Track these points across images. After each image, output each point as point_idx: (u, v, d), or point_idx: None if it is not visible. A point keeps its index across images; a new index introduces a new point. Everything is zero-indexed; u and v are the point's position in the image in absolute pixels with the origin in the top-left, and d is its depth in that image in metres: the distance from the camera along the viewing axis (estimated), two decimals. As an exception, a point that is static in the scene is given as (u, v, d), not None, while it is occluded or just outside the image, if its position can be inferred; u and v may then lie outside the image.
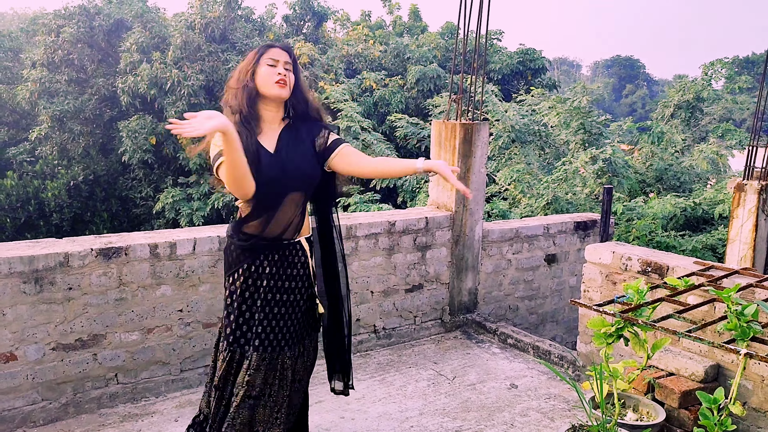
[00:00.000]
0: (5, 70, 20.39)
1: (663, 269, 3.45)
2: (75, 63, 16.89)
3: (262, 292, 2.57)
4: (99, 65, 17.15)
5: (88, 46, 16.98)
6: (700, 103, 13.23)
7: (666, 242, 7.40)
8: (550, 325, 5.46)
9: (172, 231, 3.79)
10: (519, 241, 5.07)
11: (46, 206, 15.15)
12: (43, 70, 16.78)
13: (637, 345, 2.85)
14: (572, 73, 70.43)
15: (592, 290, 3.85)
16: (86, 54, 16.92)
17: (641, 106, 48.79)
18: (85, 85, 17.00)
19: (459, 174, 4.62)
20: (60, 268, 3.24)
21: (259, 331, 2.56)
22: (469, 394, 3.77)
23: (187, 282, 3.63)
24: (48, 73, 16.72)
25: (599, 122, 10.27)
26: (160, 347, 3.60)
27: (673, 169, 9.91)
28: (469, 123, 4.63)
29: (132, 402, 3.52)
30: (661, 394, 3.08)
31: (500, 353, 4.41)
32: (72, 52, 16.73)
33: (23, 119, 19.10)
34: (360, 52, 17.48)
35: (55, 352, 3.28)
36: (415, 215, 4.59)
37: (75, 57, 16.79)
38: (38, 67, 16.92)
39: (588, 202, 8.33)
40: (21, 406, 3.22)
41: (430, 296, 4.68)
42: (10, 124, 19.28)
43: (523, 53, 17.42)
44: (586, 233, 5.45)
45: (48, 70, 16.81)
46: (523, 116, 10.58)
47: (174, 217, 14.13)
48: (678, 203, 8.06)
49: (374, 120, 14.12)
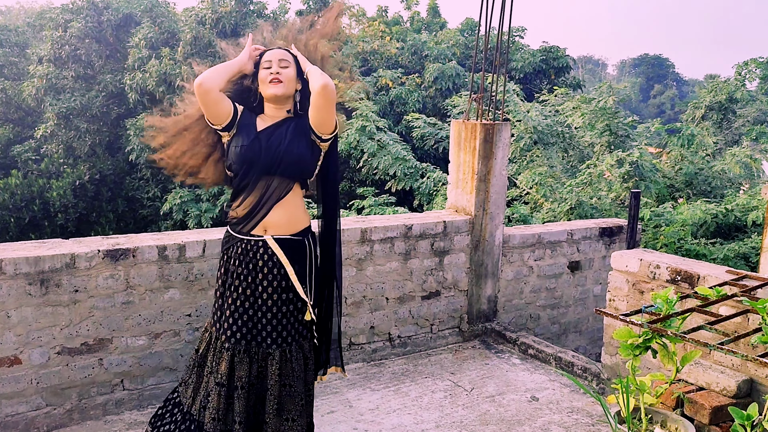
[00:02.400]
0: (11, 66, 20.66)
1: (693, 278, 3.42)
2: (82, 59, 17.08)
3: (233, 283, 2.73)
4: (107, 61, 17.33)
5: (96, 42, 17.17)
6: (732, 104, 13.11)
7: (696, 250, 7.33)
8: (573, 336, 5.42)
9: (181, 232, 3.82)
10: (541, 247, 5.05)
11: (51, 206, 15.31)
12: (49, 65, 16.98)
13: (665, 357, 2.83)
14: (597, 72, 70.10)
15: (618, 299, 3.83)
16: (94, 49, 17.10)
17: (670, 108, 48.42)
18: (93, 82, 17.18)
19: (479, 176, 4.61)
20: (66, 270, 3.28)
21: (231, 322, 2.70)
22: (488, 407, 3.76)
23: (196, 285, 3.65)
24: (54, 69, 16.92)
25: (626, 124, 10.21)
26: (167, 353, 3.62)
27: (703, 173, 9.82)
28: (490, 123, 4.62)
29: (138, 409, 3.54)
30: (690, 409, 3.05)
31: (520, 364, 4.39)
32: (79, 47, 16.92)
33: (29, 116, 19.33)
34: (376, 49, 17.51)
35: (60, 356, 3.32)
36: (432, 219, 4.59)
37: (82, 52, 16.98)
38: (45, 63, 17.13)
39: (613, 208, 8.27)
40: (25, 411, 3.25)
41: (447, 304, 4.67)
42: (16, 121, 19.53)
43: (546, 51, 17.36)
44: (612, 240, 5.42)
45: (55, 65, 17.01)
46: (545, 117, 10.54)
47: (182, 219, 14.22)
48: (709, 209, 7.97)
49: (390, 119, 14.14)
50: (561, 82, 16.82)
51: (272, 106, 2.77)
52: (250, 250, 2.71)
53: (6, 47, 21.44)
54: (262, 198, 2.70)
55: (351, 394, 3.85)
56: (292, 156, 2.69)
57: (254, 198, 2.70)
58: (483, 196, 4.67)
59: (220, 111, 2.69)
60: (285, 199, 2.72)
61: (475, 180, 4.64)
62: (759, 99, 14.02)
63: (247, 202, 2.71)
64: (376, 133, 10.94)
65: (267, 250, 2.71)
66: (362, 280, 4.27)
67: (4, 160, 17.92)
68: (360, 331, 4.31)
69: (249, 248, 2.72)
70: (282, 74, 2.71)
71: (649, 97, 56.62)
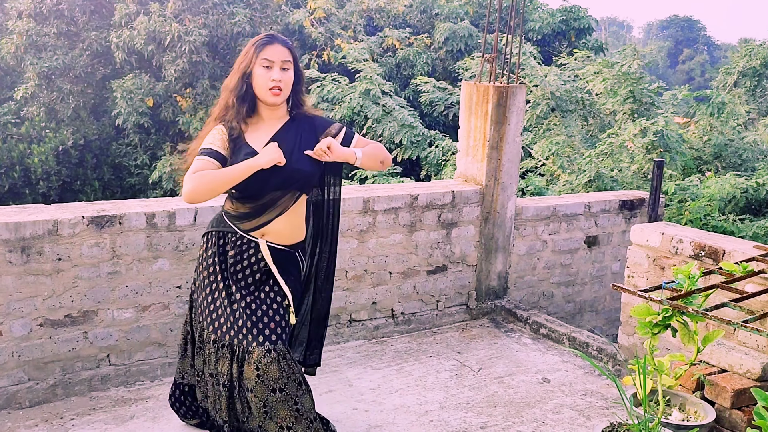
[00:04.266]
0: (-12, 21, 20.55)
1: (718, 254, 3.43)
2: (65, 14, 16.96)
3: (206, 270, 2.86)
4: (91, 17, 17.21)
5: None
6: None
7: (723, 227, 7.33)
8: (589, 315, 5.46)
9: (170, 199, 3.85)
10: (556, 221, 5.07)
11: (32, 173, 15.34)
12: (29, 21, 16.87)
13: (686, 337, 2.86)
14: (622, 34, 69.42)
15: (637, 276, 3.85)
16: (77, 4, 16.97)
17: (700, 74, 48.02)
18: (76, 39, 17.09)
19: (491, 143, 4.61)
20: (49, 237, 3.31)
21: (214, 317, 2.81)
22: (496, 388, 3.81)
23: (186, 256, 3.68)
24: (35, 25, 16.82)
25: (651, 90, 10.14)
26: (156, 327, 3.66)
27: (734, 144, 9.78)
28: (503, 86, 4.60)
29: (125, 385, 3.60)
30: (711, 392, 3.08)
31: (532, 344, 4.43)
32: (62, 1, 16.80)
33: (8, 76, 19.27)
34: (382, 7, 17.36)
35: (42, 328, 3.36)
36: (440, 189, 4.60)
37: (65, 7, 16.85)
38: (24, 18, 17.01)
39: (636, 180, 8.26)
40: (6, 385, 3.31)
41: (454, 279, 4.70)
42: (-6, 82, 19.48)
43: (567, 11, 17.19)
44: (633, 213, 5.43)
45: (35, 21, 16.90)
46: (564, 82, 10.48)
47: (172, 188, 14.26)
48: (738, 183, 7.95)
49: (396, 83, 14.07)
50: (582, 45, 16.68)
51: (267, 108, 2.79)
52: (242, 246, 2.80)
53: (-17, 1, 21.31)
54: (268, 208, 2.77)
55: (351, 373, 3.90)
56: (302, 174, 2.77)
57: (260, 207, 2.77)
58: (495, 164, 4.67)
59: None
60: (291, 209, 2.80)
61: (486, 147, 4.64)
62: (796, 65, 13.88)
63: (251, 207, 2.78)
64: (381, 98, 10.90)
65: (257, 253, 2.79)
66: (364, 252, 4.29)
67: (-19, 124, 17.92)
68: (361, 307, 4.35)
69: (242, 244, 2.80)
70: (283, 81, 2.71)
71: (677, 63, 56.10)
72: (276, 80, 2.68)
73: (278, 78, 2.68)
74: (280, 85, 2.69)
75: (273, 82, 2.68)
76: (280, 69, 2.69)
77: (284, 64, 2.71)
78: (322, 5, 16.22)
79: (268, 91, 2.69)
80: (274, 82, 2.67)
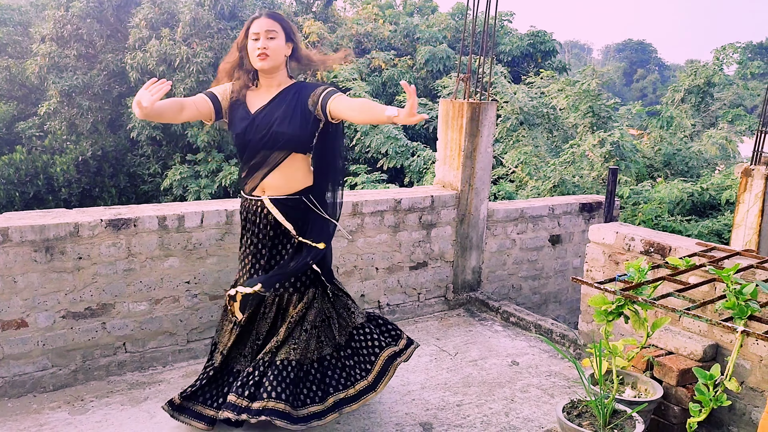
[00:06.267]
0: (15, 44, 20.39)
1: (665, 250, 3.48)
2: (84, 38, 16.87)
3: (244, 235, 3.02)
4: (108, 41, 17.13)
5: (97, 21, 16.96)
6: (710, 88, 13.14)
7: (672, 227, 7.41)
8: (553, 306, 5.50)
9: (180, 204, 3.84)
10: (524, 222, 5.10)
11: (54, 181, 15.23)
12: (52, 44, 16.78)
13: (637, 323, 2.90)
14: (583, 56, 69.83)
15: (594, 270, 3.89)
16: (95, 29, 16.89)
17: (652, 91, 48.38)
18: (94, 61, 17.01)
19: (465, 153, 4.64)
20: (70, 238, 3.30)
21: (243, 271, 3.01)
22: (471, 370, 3.83)
23: (194, 254, 3.68)
24: (57, 48, 16.73)
25: (608, 106, 10.23)
26: (167, 318, 3.66)
27: (681, 154, 9.88)
28: (476, 102, 4.64)
29: (140, 371, 3.59)
30: (659, 372, 3.13)
31: (502, 331, 4.46)
32: (81, 26, 16.71)
33: (32, 94, 19.12)
34: (369, 32, 17.41)
35: (65, 320, 3.35)
36: (421, 193, 4.62)
37: (84, 32, 16.77)
38: (47, 42, 16.92)
39: (595, 186, 8.33)
40: (32, 371, 3.30)
41: (434, 274, 4.73)
42: (20, 99, 19.32)
43: (534, 35, 17.32)
44: (591, 215, 5.48)
45: (57, 44, 16.81)
46: (531, 98, 10.55)
47: (182, 194, 14.21)
48: (685, 188, 8.04)
49: (383, 100, 14.11)
50: (547, 66, 16.79)
51: (264, 77, 2.86)
52: (251, 209, 2.95)
53: (9, 26, 21.12)
54: (260, 166, 2.86)
55: (342, 358, 3.90)
56: (284, 136, 2.80)
57: (253, 165, 2.87)
58: (469, 172, 4.71)
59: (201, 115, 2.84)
60: (282, 164, 2.84)
61: (461, 157, 4.67)
62: (736, 83, 14.05)
63: (248, 168, 2.90)
64: (368, 113, 10.91)
65: (263, 208, 2.90)
66: (353, 251, 4.31)
67: (8, 137, 17.77)
68: (351, 299, 4.36)
69: (250, 206, 2.95)
70: (269, 48, 2.74)
71: (632, 81, 56.52)
72: (260, 48, 2.74)
73: (263, 46, 2.74)
74: (266, 52, 2.74)
75: (258, 49, 2.74)
76: (267, 39, 2.74)
77: (269, 33, 2.75)
78: (316, 30, 16.23)
79: (256, 57, 2.76)
80: (260, 49, 2.74)
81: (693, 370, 2.63)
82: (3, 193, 14.67)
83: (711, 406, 2.45)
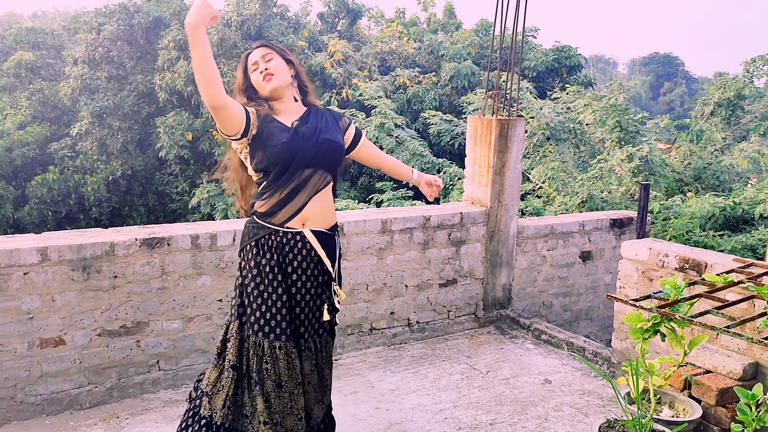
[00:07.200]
0: (48, 67, 20.94)
1: (701, 266, 3.43)
2: (114, 60, 17.27)
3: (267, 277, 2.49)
4: (137, 62, 17.51)
5: (128, 44, 17.35)
6: (741, 100, 12.97)
7: (704, 242, 7.29)
8: (585, 323, 5.44)
9: (212, 222, 3.89)
10: (554, 238, 5.07)
11: (85, 200, 15.53)
12: (84, 67, 17.20)
13: (674, 341, 2.85)
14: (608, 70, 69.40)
15: (627, 287, 3.84)
16: (125, 51, 17.28)
17: (680, 105, 47.86)
18: (124, 82, 17.38)
19: (494, 169, 4.64)
20: (106, 257, 3.36)
21: (268, 318, 2.47)
22: (503, 389, 3.80)
23: (226, 272, 3.72)
24: (89, 70, 17.14)
25: (636, 120, 10.15)
26: (200, 335, 3.70)
27: (712, 167, 9.75)
28: (505, 119, 4.64)
29: (173, 388, 3.62)
30: (697, 391, 3.07)
31: (534, 349, 4.42)
32: (112, 49, 17.12)
33: (65, 115, 19.59)
34: (394, 49, 17.53)
35: (100, 338, 3.40)
36: (449, 210, 4.62)
37: (115, 54, 17.17)
38: (79, 64, 17.35)
39: (624, 201, 8.25)
40: (69, 389, 3.35)
41: (464, 291, 4.71)
42: (52, 120, 19.80)
43: (559, 50, 17.28)
44: (622, 231, 5.42)
45: (89, 67, 17.23)
46: (558, 114, 10.51)
47: (209, 212, 14.37)
48: (717, 202, 7.92)
49: (407, 117, 14.17)
50: (573, 81, 16.73)
51: (279, 102, 2.60)
52: (287, 244, 2.50)
53: (43, 49, 21.72)
54: (301, 189, 2.51)
55: (372, 376, 3.91)
56: (333, 146, 2.59)
57: (294, 188, 2.50)
58: (498, 188, 4.70)
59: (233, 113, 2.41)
60: (322, 191, 2.57)
61: (490, 173, 4.66)
62: (766, 95, 13.85)
63: (283, 193, 2.50)
64: (394, 130, 10.98)
65: (305, 243, 2.52)
66: (383, 268, 4.32)
67: (42, 157, 18.19)
68: (381, 317, 4.36)
69: (285, 241, 2.50)
70: (270, 67, 2.55)
71: (659, 95, 55.97)
72: (263, 70, 2.55)
73: (264, 67, 2.56)
74: (270, 71, 2.55)
75: (262, 73, 2.55)
76: (264, 62, 2.57)
77: (265, 57, 2.58)
78: (341, 49, 16.40)
79: (263, 81, 2.55)
80: (263, 72, 2.55)
81: (733, 389, 2.58)
82: (36, 213, 14.99)
83: (754, 426, 2.39)
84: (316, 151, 2.53)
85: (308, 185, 2.53)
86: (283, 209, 2.51)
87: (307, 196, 2.53)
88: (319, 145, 2.54)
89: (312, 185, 2.54)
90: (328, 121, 2.67)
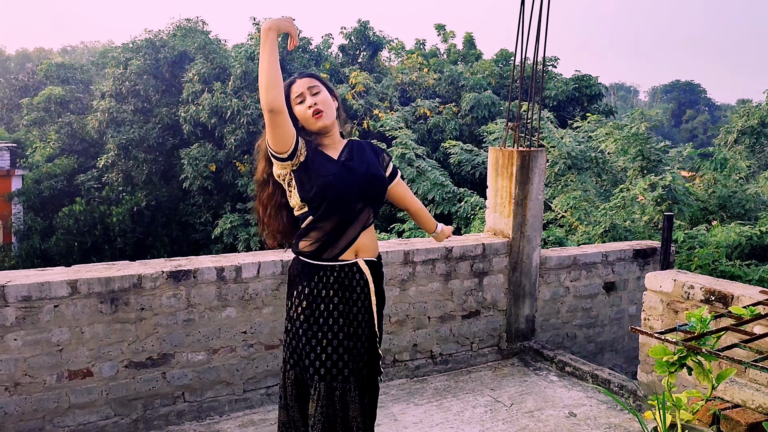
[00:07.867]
0: (76, 101, 21.47)
1: (727, 298, 3.39)
2: (141, 94, 17.68)
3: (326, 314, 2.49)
4: (163, 95, 17.90)
5: (153, 78, 17.77)
6: (765, 128, 12.87)
7: (731, 271, 7.19)
8: (609, 354, 5.37)
9: (237, 255, 3.94)
10: (577, 269, 5.05)
11: (111, 231, 15.78)
12: (111, 100, 17.63)
13: (700, 375, 2.82)
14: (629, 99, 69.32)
15: (652, 318, 3.81)
16: (151, 85, 17.70)
17: (702, 132, 47.54)
18: (150, 115, 17.76)
19: (516, 200, 4.66)
20: (133, 289, 3.42)
21: (335, 359, 2.47)
22: (527, 422, 3.76)
23: (251, 304, 3.76)
24: (116, 104, 17.55)
25: (658, 148, 10.10)
26: (224, 367, 3.73)
27: (737, 196, 9.64)
28: (526, 150, 4.67)
29: (197, 420, 3.65)
30: (726, 426, 3.02)
31: (558, 381, 4.38)
32: (138, 83, 17.53)
33: (92, 147, 20.02)
34: (414, 80, 17.71)
35: (127, 369, 3.45)
36: (472, 241, 4.64)
37: (141, 88, 17.58)
38: (107, 98, 17.78)
39: (647, 230, 8.18)
40: (95, 420, 3.39)
41: (487, 323, 4.69)
42: (80, 152, 20.24)
43: (579, 79, 17.33)
44: (646, 261, 5.38)
45: (116, 100, 17.65)
46: (579, 143, 10.51)
47: (232, 242, 14.52)
48: (743, 231, 7.82)
49: (428, 147, 14.25)
50: (593, 109, 16.74)
51: (325, 137, 2.61)
52: (345, 277, 2.52)
53: (72, 84, 22.30)
54: (353, 223, 2.54)
55: (396, 409, 3.90)
56: (381, 182, 2.64)
57: (344, 221, 2.52)
58: (520, 219, 4.71)
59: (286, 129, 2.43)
60: (371, 223, 2.61)
61: (512, 204, 4.68)
62: (791, 123, 13.72)
63: (334, 226, 2.51)
64: (415, 160, 11.04)
65: (362, 275, 2.55)
66: (405, 299, 4.33)
67: (69, 188, 18.57)
68: (403, 349, 4.36)
69: (344, 274, 2.52)
70: (319, 103, 2.54)
71: (681, 123, 55.67)
72: (311, 105, 2.53)
73: (312, 102, 2.54)
74: (319, 107, 2.53)
75: (311, 109, 2.53)
76: (311, 95, 2.54)
77: (312, 89, 2.56)
78: (362, 80, 16.61)
79: (312, 117, 2.53)
80: (312, 108, 2.53)
81: (762, 424, 2.54)
82: (63, 243, 15.24)
83: (785, 463, 2.35)
84: (366, 187, 2.56)
85: (359, 219, 2.55)
86: (335, 243, 2.52)
87: (357, 230, 2.55)
88: (370, 180, 2.58)
89: (363, 219, 2.57)
90: (372, 157, 2.69)
